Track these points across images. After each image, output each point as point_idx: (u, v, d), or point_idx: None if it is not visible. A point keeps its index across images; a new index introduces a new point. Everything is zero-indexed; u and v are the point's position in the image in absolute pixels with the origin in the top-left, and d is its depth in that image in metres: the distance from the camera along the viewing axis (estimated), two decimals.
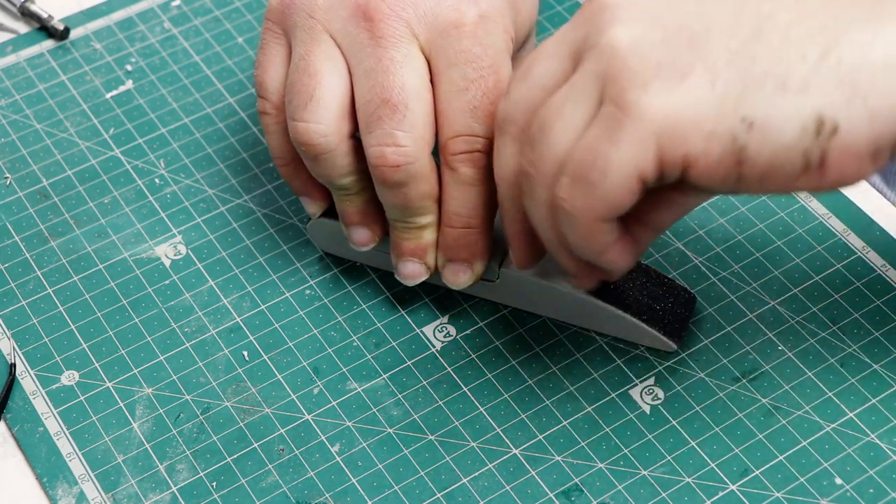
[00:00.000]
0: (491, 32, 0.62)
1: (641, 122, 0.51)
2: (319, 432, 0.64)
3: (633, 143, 0.51)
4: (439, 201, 0.63)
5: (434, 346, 0.67)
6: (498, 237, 0.66)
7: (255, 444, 0.63)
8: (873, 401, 0.63)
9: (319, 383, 0.65)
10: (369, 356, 0.66)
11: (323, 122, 0.62)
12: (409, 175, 0.61)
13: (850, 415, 0.63)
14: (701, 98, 0.50)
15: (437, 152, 0.63)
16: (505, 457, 0.62)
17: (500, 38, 0.63)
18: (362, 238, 0.66)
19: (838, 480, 0.61)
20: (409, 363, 0.66)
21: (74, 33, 0.82)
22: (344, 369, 0.66)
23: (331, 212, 0.67)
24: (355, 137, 0.63)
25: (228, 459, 0.63)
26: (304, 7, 0.64)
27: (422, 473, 0.62)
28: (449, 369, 0.66)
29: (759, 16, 0.51)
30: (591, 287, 0.62)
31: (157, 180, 0.74)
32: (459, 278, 0.65)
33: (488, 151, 0.61)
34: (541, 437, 0.63)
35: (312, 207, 0.67)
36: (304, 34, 0.63)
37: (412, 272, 0.65)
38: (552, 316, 0.67)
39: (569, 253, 0.57)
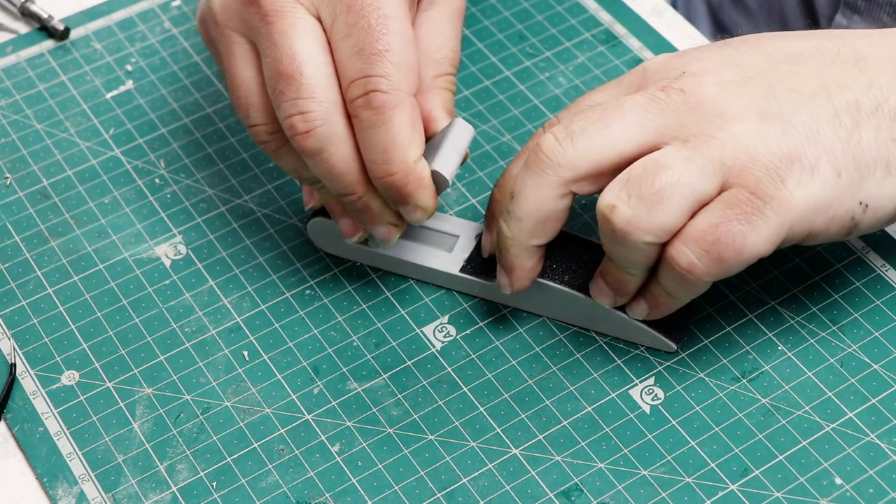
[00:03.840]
0: None
1: (781, 211, 0.57)
2: (319, 432, 0.64)
3: (771, 228, 0.57)
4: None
5: (434, 346, 0.67)
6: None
7: (255, 444, 0.63)
8: (873, 401, 0.63)
9: (319, 383, 0.65)
10: (369, 356, 0.66)
11: (265, 122, 0.63)
12: (323, 139, 0.61)
13: (850, 415, 0.63)
14: (830, 187, 0.58)
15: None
16: (505, 457, 0.62)
17: None
18: (348, 228, 0.66)
19: (838, 480, 0.61)
20: (409, 363, 0.66)
21: (74, 33, 0.82)
22: (344, 369, 0.66)
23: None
24: None
25: (228, 459, 0.63)
26: (209, 18, 0.64)
27: (422, 473, 0.62)
28: (449, 369, 0.66)
29: (850, 107, 0.59)
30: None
31: (157, 180, 0.74)
32: (414, 217, 0.63)
33: (383, 89, 0.60)
34: (541, 437, 0.63)
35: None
36: (220, 45, 0.64)
37: (384, 234, 0.65)
38: (552, 316, 0.67)
39: (631, 288, 0.62)
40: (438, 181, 0.63)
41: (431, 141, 0.64)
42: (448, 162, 0.63)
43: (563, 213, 0.61)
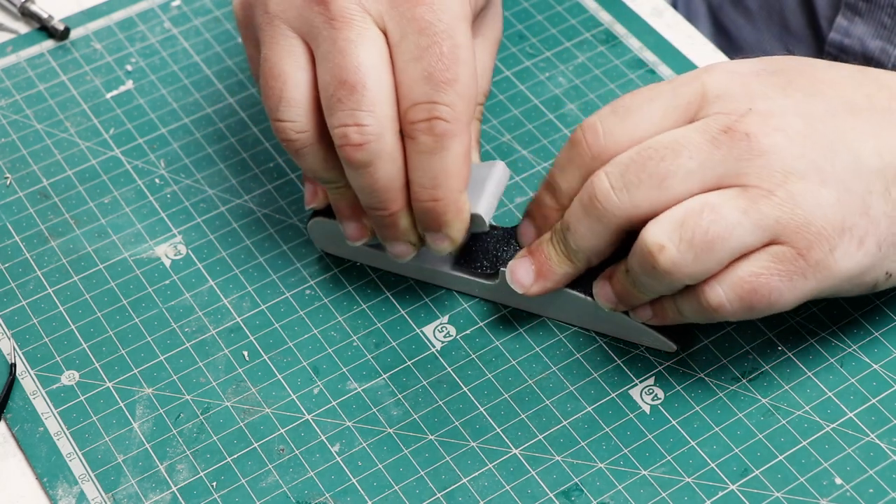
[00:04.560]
0: None
1: (821, 277, 0.59)
2: (319, 432, 0.64)
3: (807, 290, 0.59)
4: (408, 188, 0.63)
5: (434, 346, 0.67)
6: (498, 239, 0.66)
7: (255, 444, 0.63)
8: (873, 401, 0.63)
9: (319, 383, 0.65)
10: (369, 356, 0.66)
11: (296, 120, 0.62)
12: (374, 154, 0.61)
13: (850, 415, 0.63)
14: (869, 258, 0.59)
15: None
16: (505, 457, 0.62)
17: (456, 3, 0.62)
18: (354, 232, 0.66)
19: (838, 480, 0.61)
20: (409, 363, 0.66)
21: (74, 33, 0.82)
22: (344, 369, 0.66)
23: (330, 212, 0.67)
24: None
25: (228, 459, 0.63)
26: (259, 4, 0.64)
27: (422, 473, 0.62)
28: (449, 369, 0.66)
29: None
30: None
31: (157, 180, 0.74)
32: (440, 245, 0.64)
33: (446, 118, 0.61)
34: (541, 437, 0.63)
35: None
36: (264, 33, 0.63)
37: (400, 252, 0.65)
38: (552, 316, 0.67)
39: (638, 303, 0.63)
40: (476, 222, 0.64)
41: (472, 177, 0.64)
42: (490, 207, 0.65)
43: (616, 244, 0.62)
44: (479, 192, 0.65)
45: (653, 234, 0.58)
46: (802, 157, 0.58)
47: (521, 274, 0.64)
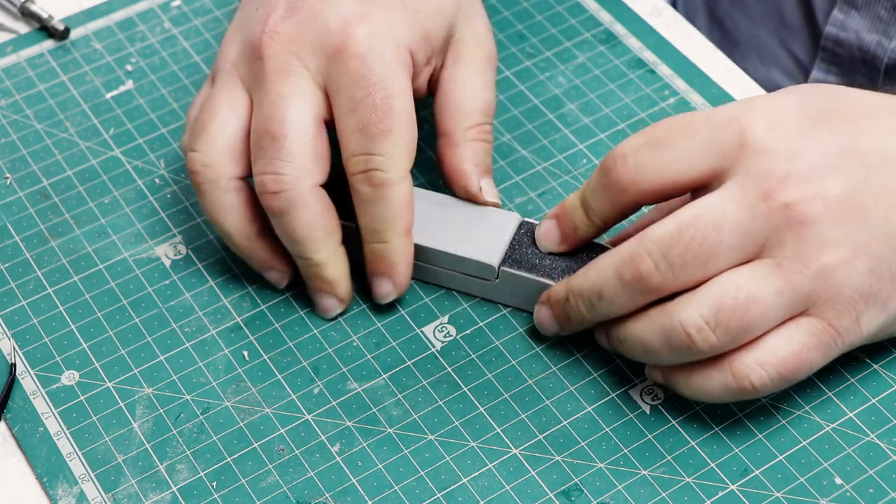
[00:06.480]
0: (376, 49, 0.64)
1: (849, 341, 0.60)
2: (319, 432, 0.64)
3: (838, 352, 0.60)
4: (341, 235, 0.65)
5: (434, 346, 0.67)
6: (498, 243, 0.66)
7: (255, 444, 0.63)
8: (873, 401, 0.63)
9: (319, 383, 0.65)
10: (369, 356, 0.66)
11: (207, 153, 0.65)
12: (289, 202, 0.63)
13: (850, 415, 0.63)
14: (892, 318, 0.60)
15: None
16: (505, 457, 0.62)
17: (389, 53, 0.64)
18: (273, 278, 0.68)
19: (838, 480, 0.61)
20: (409, 363, 0.66)
21: (74, 33, 0.82)
22: (344, 369, 0.66)
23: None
24: (248, 180, 0.66)
25: (228, 459, 0.63)
26: (224, 56, 0.67)
27: (422, 473, 0.62)
28: (449, 369, 0.66)
29: None
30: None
31: (157, 180, 0.74)
32: (382, 290, 0.66)
33: (382, 168, 0.63)
34: (541, 437, 0.63)
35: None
36: (218, 78, 0.67)
37: (325, 307, 0.67)
38: None
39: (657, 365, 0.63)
40: (485, 272, 0.66)
41: (490, 225, 0.66)
42: (501, 259, 0.66)
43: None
44: (495, 242, 0.66)
45: (689, 318, 0.58)
46: (838, 227, 0.58)
47: (546, 324, 0.65)
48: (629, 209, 0.62)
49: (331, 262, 0.65)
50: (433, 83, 0.69)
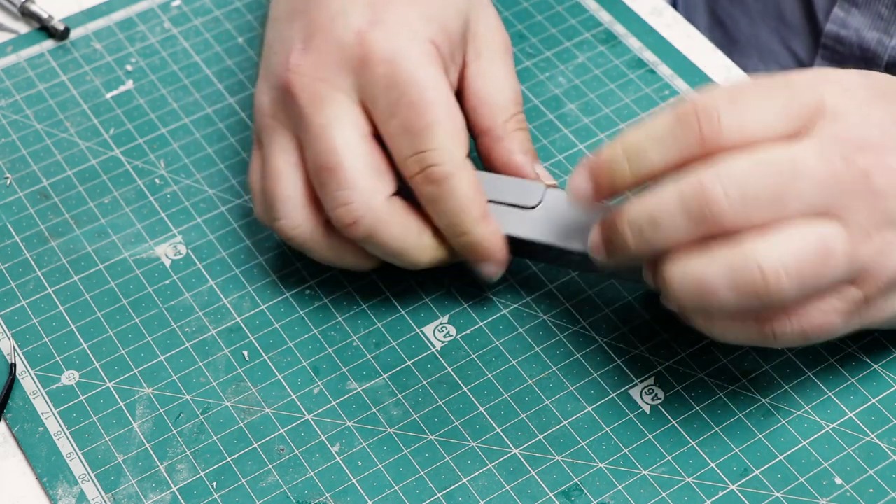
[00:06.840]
0: (398, 48, 0.63)
1: (871, 317, 0.59)
2: (319, 432, 0.64)
3: (857, 325, 0.59)
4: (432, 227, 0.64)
5: (434, 346, 0.67)
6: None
7: (255, 444, 0.63)
8: (873, 401, 0.63)
9: (319, 383, 0.65)
10: (369, 356, 0.66)
11: (290, 216, 0.64)
12: (368, 227, 0.62)
13: (850, 415, 0.63)
14: None
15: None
16: (505, 457, 0.62)
17: (412, 49, 0.63)
18: (483, 272, 0.66)
19: (838, 480, 0.61)
20: (409, 363, 0.66)
21: (74, 33, 0.82)
22: (344, 369, 0.66)
23: None
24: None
25: (228, 459, 0.63)
26: (260, 111, 0.66)
27: (422, 473, 0.62)
28: (449, 369, 0.66)
29: None
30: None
31: (157, 180, 0.74)
32: (487, 272, 0.65)
33: (437, 162, 0.62)
34: (541, 437, 0.63)
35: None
36: (264, 137, 0.65)
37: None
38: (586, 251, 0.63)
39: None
40: (527, 198, 0.65)
41: (555, 201, 0.65)
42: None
43: None
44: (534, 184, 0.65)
45: (769, 259, 0.56)
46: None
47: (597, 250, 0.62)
48: (686, 164, 0.58)
49: (440, 253, 0.65)
50: (459, 81, 0.69)
